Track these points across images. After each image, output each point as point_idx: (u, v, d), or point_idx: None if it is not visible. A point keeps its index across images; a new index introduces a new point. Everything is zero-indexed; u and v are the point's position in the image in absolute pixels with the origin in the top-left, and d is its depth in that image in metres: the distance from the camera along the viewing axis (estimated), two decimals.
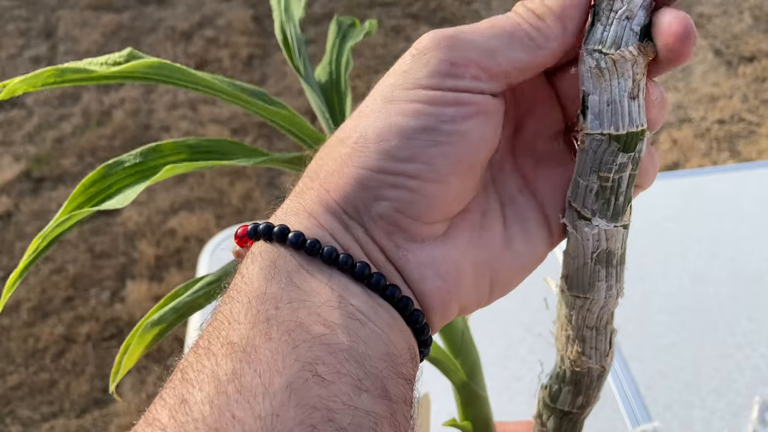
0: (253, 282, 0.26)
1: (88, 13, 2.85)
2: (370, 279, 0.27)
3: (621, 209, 0.29)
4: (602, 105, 0.27)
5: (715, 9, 2.60)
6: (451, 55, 0.27)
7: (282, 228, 0.27)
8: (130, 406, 1.51)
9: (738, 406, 0.71)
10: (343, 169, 0.27)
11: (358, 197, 0.27)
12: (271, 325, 0.24)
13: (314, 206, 0.28)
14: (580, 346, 0.33)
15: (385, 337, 0.26)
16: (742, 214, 0.91)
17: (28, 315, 1.72)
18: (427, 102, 0.27)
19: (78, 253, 1.85)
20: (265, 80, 2.43)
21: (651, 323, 0.79)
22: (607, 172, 0.28)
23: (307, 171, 0.29)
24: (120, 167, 0.36)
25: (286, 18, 0.43)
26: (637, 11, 0.26)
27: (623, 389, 0.73)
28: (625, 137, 0.27)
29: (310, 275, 0.26)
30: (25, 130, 2.28)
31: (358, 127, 0.27)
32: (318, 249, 0.26)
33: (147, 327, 0.36)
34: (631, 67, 0.27)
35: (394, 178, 0.27)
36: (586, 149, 0.28)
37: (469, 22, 0.26)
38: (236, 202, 1.96)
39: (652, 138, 0.29)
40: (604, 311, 0.32)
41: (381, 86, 0.28)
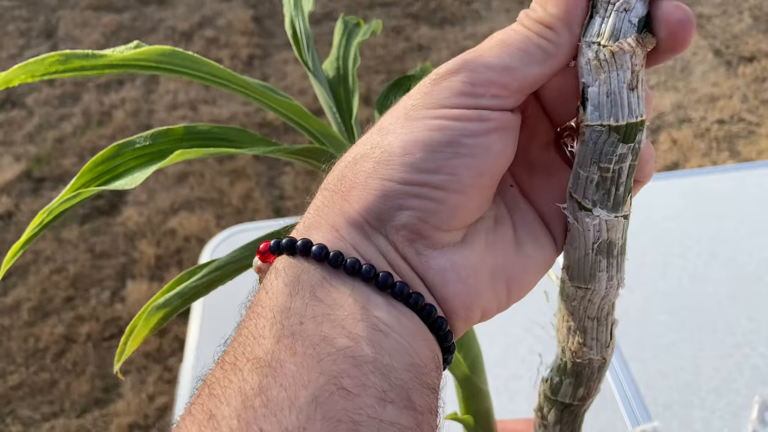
0: (278, 297, 0.27)
1: (89, 14, 2.85)
2: (393, 288, 0.27)
3: (621, 199, 0.29)
4: (602, 97, 0.27)
5: (714, 9, 2.60)
6: (471, 77, 0.28)
7: (305, 242, 0.28)
8: (130, 406, 1.51)
9: (738, 405, 0.71)
10: (368, 182, 0.28)
11: (382, 208, 0.28)
12: (296, 340, 0.25)
13: (336, 219, 0.28)
14: (581, 337, 0.33)
15: (409, 348, 0.27)
16: (742, 214, 0.91)
17: (29, 315, 1.72)
18: (451, 118, 0.28)
19: (78, 253, 1.86)
20: (265, 80, 2.43)
21: (651, 323, 0.79)
22: (607, 163, 0.28)
23: (325, 184, 0.30)
24: (130, 148, 0.36)
25: (296, 13, 0.43)
26: (635, 3, 0.27)
27: (623, 389, 0.73)
28: (624, 128, 0.28)
29: (334, 288, 0.27)
30: (25, 130, 2.28)
31: (382, 142, 0.28)
32: (341, 261, 0.27)
33: (152, 310, 0.37)
34: (629, 58, 0.27)
35: (419, 189, 0.28)
36: (586, 141, 0.28)
37: (469, 22, 0.26)
38: (236, 202, 1.96)
39: (652, 138, 0.30)
40: (605, 302, 0.32)
41: (402, 106, 0.29)
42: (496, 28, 0.30)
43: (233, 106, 2.30)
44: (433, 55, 2.47)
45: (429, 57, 2.46)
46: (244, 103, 2.31)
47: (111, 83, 2.47)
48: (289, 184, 2.00)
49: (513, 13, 2.63)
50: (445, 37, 2.55)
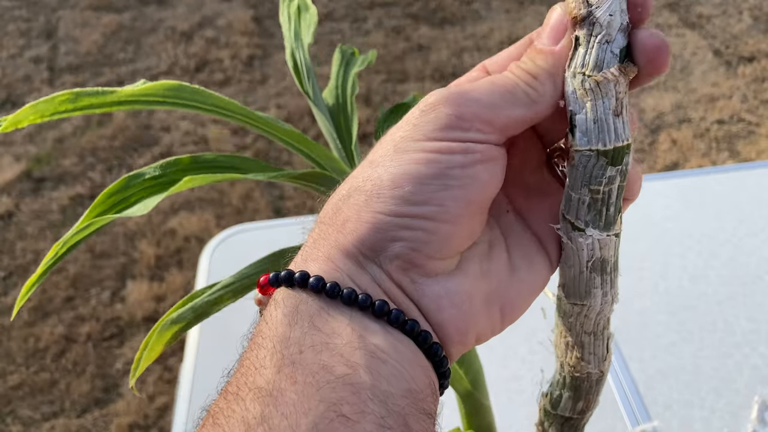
0: (278, 327, 0.27)
1: (89, 14, 2.85)
2: (389, 315, 0.28)
3: (612, 219, 0.31)
4: (589, 123, 0.29)
5: (714, 9, 2.60)
6: (458, 110, 0.29)
7: (303, 274, 0.29)
8: (131, 406, 1.51)
9: (737, 405, 0.71)
10: (360, 215, 0.29)
11: (375, 239, 0.29)
12: (296, 369, 0.26)
13: (331, 251, 0.29)
14: (579, 351, 0.34)
15: (406, 374, 0.27)
16: (742, 214, 0.91)
17: (29, 315, 1.72)
18: (437, 151, 0.29)
19: (78, 253, 1.86)
20: (265, 80, 2.43)
21: (651, 323, 0.79)
22: (597, 185, 0.30)
23: (321, 218, 0.31)
24: (140, 179, 0.38)
25: (296, 45, 0.45)
26: (616, 35, 0.29)
27: (623, 389, 0.73)
28: (612, 152, 0.29)
29: (331, 317, 0.28)
30: (25, 130, 2.28)
31: (372, 175, 0.29)
32: (338, 291, 0.28)
33: (166, 325, 0.38)
34: (613, 86, 0.29)
35: (409, 221, 0.29)
36: (576, 165, 0.30)
37: (469, 22, 0.27)
38: (236, 202, 1.96)
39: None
40: (601, 317, 0.33)
41: (391, 138, 0.30)
42: (496, 28, 0.30)
43: None
44: (433, 55, 2.47)
45: (429, 57, 2.46)
46: (243, 103, 2.32)
47: (111, 83, 2.47)
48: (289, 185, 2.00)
49: (513, 14, 2.63)
50: (445, 37, 2.55)
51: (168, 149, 2.14)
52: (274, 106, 2.30)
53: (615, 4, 0.28)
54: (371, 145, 0.31)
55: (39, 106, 0.35)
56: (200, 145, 2.16)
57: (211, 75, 2.45)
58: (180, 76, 2.45)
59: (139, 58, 2.58)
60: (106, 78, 2.49)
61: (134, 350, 1.62)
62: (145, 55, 2.59)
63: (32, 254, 1.87)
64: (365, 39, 2.59)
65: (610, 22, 0.28)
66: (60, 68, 2.56)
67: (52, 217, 1.97)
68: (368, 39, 2.58)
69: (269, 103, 2.32)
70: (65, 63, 2.58)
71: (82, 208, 1.98)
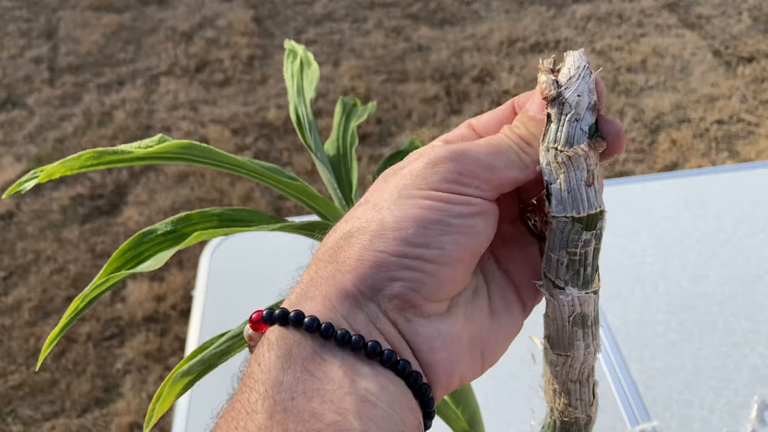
0: (270, 371, 0.28)
1: (89, 14, 2.85)
2: (381, 356, 0.29)
3: (590, 278, 0.33)
4: (563, 193, 0.31)
5: (714, 10, 2.60)
6: (461, 167, 0.31)
7: (297, 314, 0.29)
8: (131, 405, 1.52)
9: (737, 405, 0.71)
10: (363, 254, 0.30)
11: (376, 278, 0.30)
12: (288, 416, 0.26)
13: (329, 290, 0.30)
14: (566, 398, 0.36)
15: (396, 417, 0.28)
16: (742, 214, 0.91)
17: (29, 315, 1.72)
18: (440, 200, 0.31)
19: (79, 253, 1.86)
20: (265, 80, 2.43)
21: (651, 323, 0.79)
22: (574, 248, 0.32)
23: (319, 255, 0.32)
24: (152, 235, 0.41)
25: (299, 101, 0.48)
26: (584, 113, 0.31)
27: (623, 389, 0.73)
28: (586, 218, 0.32)
29: (324, 360, 0.28)
30: (26, 130, 2.28)
31: (377, 217, 0.31)
32: (332, 333, 0.29)
33: (177, 377, 0.40)
34: (584, 160, 0.31)
35: (410, 261, 0.30)
36: (554, 229, 0.32)
37: (469, 23, 0.27)
38: (236, 202, 1.96)
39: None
40: (585, 366, 0.35)
41: (395, 185, 0.32)
42: (496, 29, 0.31)
43: (233, 106, 2.30)
44: (433, 55, 2.47)
45: (429, 57, 2.47)
46: (244, 103, 2.32)
47: (111, 83, 2.47)
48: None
49: (512, 14, 2.63)
50: (445, 38, 2.55)
51: None
52: (273, 106, 2.30)
53: (583, 86, 0.31)
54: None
55: (68, 162, 0.39)
56: None
57: (211, 75, 2.45)
58: (180, 77, 2.46)
59: (139, 58, 2.58)
60: (107, 78, 2.49)
61: (134, 350, 1.62)
62: (145, 56, 2.59)
63: (32, 254, 1.87)
64: (365, 39, 2.59)
65: (578, 102, 0.31)
66: (60, 68, 2.56)
67: (52, 217, 1.97)
68: (368, 39, 2.58)
69: (269, 103, 2.32)
70: (65, 63, 2.59)
71: (82, 208, 1.98)
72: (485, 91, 2.29)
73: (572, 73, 0.31)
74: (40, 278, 1.80)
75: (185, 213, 0.42)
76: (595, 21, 2.58)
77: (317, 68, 0.51)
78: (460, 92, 2.30)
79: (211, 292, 0.89)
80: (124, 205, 1.98)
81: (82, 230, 1.92)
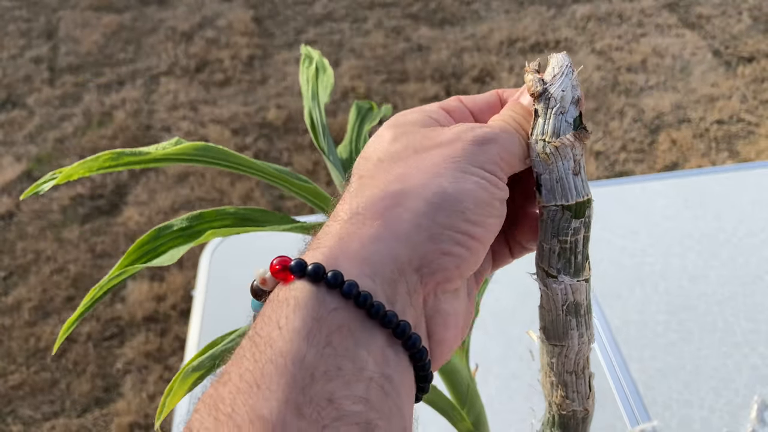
0: (293, 341, 0.26)
1: (89, 14, 2.85)
2: (408, 340, 0.28)
3: (581, 266, 0.35)
4: (552, 182, 0.33)
5: (714, 10, 2.60)
6: (501, 152, 0.33)
7: (336, 275, 0.27)
8: (131, 405, 1.52)
9: (737, 405, 0.71)
10: (420, 221, 0.30)
11: (428, 249, 0.30)
12: (306, 396, 0.25)
13: (372, 252, 0.29)
14: (563, 390, 0.37)
15: (403, 410, 0.28)
16: (742, 214, 0.91)
17: (30, 315, 1.72)
18: (490, 181, 0.32)
19: (79, 252, 1.86)
20: (265, 80, 2.43)
21: (651, 323, 0.79)
22: (564, 236, 0.34)
23: (354, 206, 0.30)
24: (169, 230, 0.42)
25: (313, 104, 0.49)
26: (569, 107, 0.33)
27: (623, 389, 0.73)
28: (575, 206, 0.33)
29: (350, 333, 0.27)
30: (26, 130, 2.28)
31: (432, 184, 0.31)
32: (368, 304, 0.27)
33: (188, 372, 0.41)
34: (570, 150, 0.33)
35: (462, 237, 0.30)
36: (545, 219, 0.34)
37: (469, 23, 0.27)
38: (237, 202, 1.96)
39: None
40: (580, 356, 0.37)
41: (444, 155, 0.32)
42: (496, 29, 0.31)
43: (233, 106, 2.30)
44: (433, 55, 2.47)
45: (429, 57, 2.47)
46: (244, 103, 2.32)
47: (111, 83, 2.47)
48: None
49: (513, 14, 2.63)
50: (445, 38, 2.55)
51: None
52: (274, 106, 2.30)
53: (566, 82, 0.33)
54: None
55: (87, 163, 0.39)
56: None
57: (211, 75, 2.45)
58: (180, 77, 2.46)
59: (139, 58, 2.58)
60: (107, 78, 2.49)
61: (134, 350, 1.62)
62: (145, 56, 2.59)
63: (32, 254, 1.87)
64: (365, 39, 2.59)
65: (563, 96, 0.33)
66: (60, 68, 2.56)
67: (52, 217, 1.97)
68: (368, 39, 2.58)
69: (269, 103, 2.32)
70: (65, 63, 2.58)
71: (83, 208, 1.98)
72: (485, 91, 2.29)
73: (556, 71, 0.34)
74: (40, 278, 1.80)
75: (200, 211, 0.43)
76: (595, 21, 2.58)
77: (332, 74, 0.52)
78: (460, 92, 2.29)
79: (211, 292, 0.89)
80: (124, 205, 1.98)
81: (82, 230, 1.92)
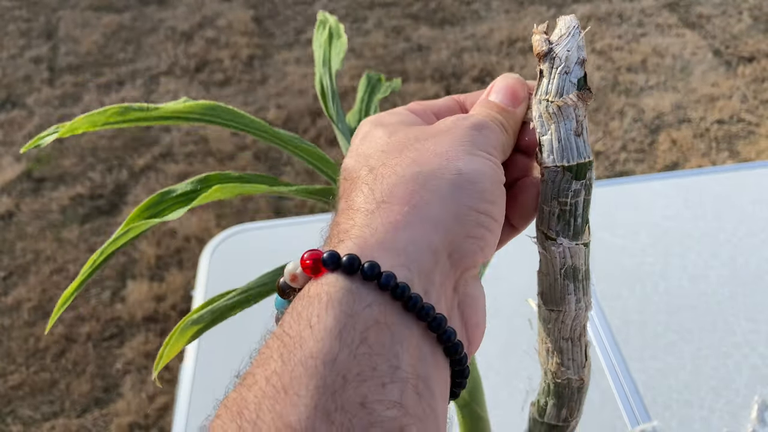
0: (324, 340, 0.24)
1: (89, 14, 2.85)
2: (443, 334, 0.27)
3: (580, 229, 0.35)
4: (554, 143, 0.33)
5: (714, 9, 2.60)
6: (498, 136, 0.33)
7: (372, 266, 0.26)
8: (130, 406, 1.51)
9: (737, 405, 0.71)
10: (446, 204, 0.29)
11: (457, 231, 0.29)
12: (336, 402, 0.23)
13: (405, 239, 0.27)
14: (558, 357, 0.37)
15: (437, 410, 0.26)
16: (742, 214, 0.91)
17: (29, 315, 1.72)
18: (496, 164, 0.32)
19: (79, 253, 1.86)
20: (265, 80, 2.43)
21: (651, 323, 0.79)
22: (564, 198, 0.34)
23: (377, 194, 0.29)
24: (172, 194, 0.41)
25: (324, 71, 0.49)
26: (573, 67, 0.33)
27: (623, 389, 0.73)
28: (576, 167, 0.33)
29: (387, 329, 0.25)
30: (26, 130, 2.28)
31: (448, 165, 0.30)
32: (406, 296, 0.26)
33: (187, 324, 0.40)
34: (573, 110, 0.33)
35: (484, 218, 0.30)
36: (546, 180, 0.34)
37: (469, 23, 0.27)
38: (237, 202, 1.96)
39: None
40: (576, 323, 0.36)
41: (451, 140, 0.31)
42: (496, 29, 0.31)
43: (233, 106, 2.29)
44: (433, 55, 2.47)
45: (429, 57, 2.46)
46: (243, 103, 2.32)
47: (111, 84, 2.47)
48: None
49: (512, 14, 2.63)
50: (445, 38, 2.55)
51: (168, 149, 2.15)
52: (273, 106, 2.30)
53: (572, 43, 0.33)
54: None
55: (93, 117, 0.38)
56: (200, 145, 2.16)
57: (211, 75, 2.45)
58: (180, 77, 2.46)
59: (139, 58, 2.58)
60: (106, 78, 2.49)
61: (134, 350, 1.62)
62: (145, 55, 2.59)
63: (32, 254, 1.87)
64: (365, 39, 2.59)
65: (568, 57, 0.33)
66: (60, 68, 2.56)
67: (52, 217, 1.97)
68: (368, 39, 2.58)
69: (269, 103, 2.32)
70: (65, 63, 2.58)
71: (82, 208, 1.98)
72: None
73: (563, 32, 0.34)
74: (40, 278, 1.80)
75: (205, 174, 0.42)
76: (595, 21, 2.58)
77: (346, 41, 0.50)
78: (460, 92, 2.29)
79: (211, 292, 0.89)
80: (124, 205, 1.98)
81: (81, 230, 1.92)
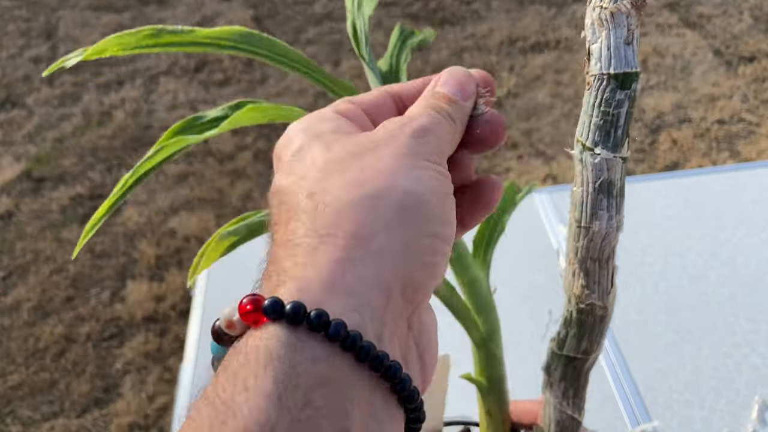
0: (260, 407, 0.21)
1: (89, 14, 2.85)
2: (399, 383, 0.25)
3: (620, 141, 0.34)
4: (603, 50, 0.33)
5: (715, 9, 2.60)
6: (439, 142, 0.29)
7: (319, 314, 0.23)
8: (130, 406, 1.51)
9: (737, 405, 0.71)
10: (394, 233, 0.25)
11: (409, 262, 0.25)
12: None
13: (353, 278, 0.24)
14: (584, 279, 0.37)
15: None
16: (742, 214, 0.91)
17: (29, 315, 1.72)
18: (440, 173, 0.28)
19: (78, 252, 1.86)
20: (265, 80, 2.43)
21: (651, 323, 0.79)
22: (607, 107, 0.33)
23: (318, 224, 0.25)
24: (203, 119, 0.40)
25: (357, 14, 0.50)
26: None
27: (623, 389, 0.73)
28: (622, 76, 0.33)
29: (335, 386, 0.23)
30: (25, 130, 2.28)
31: (395, 184, 0.26)
32: (357, 346, 0.23)
33: (223, 236, 0.40)
34: (625, 18, 0.33)
35: (437, 243, 0.26)
36: (590, 89, 0.34)
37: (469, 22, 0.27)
38: (236, 202, 1.96)
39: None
40: (606, 243, 0.36)
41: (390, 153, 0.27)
42: (496, 28, 0.31)
43: None
44: (433, 55, 2.47)
45: (429, 57, 2.46)
46: None
47: (111, 83, 2.47)
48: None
49: (513, 13, 2.63)
50: (445, 37, 2.55)
51: None
52: None
53: None
54: None
55: (124, 38, 0.36)
56: (200, 145, 2.17)
57: (211, 75, 2.45)
58: (180, 76, 2.46)
59: (138, 58, 2.58)
60: (106, 78, 2.49)
61: (134, 350, 1.62)
62: (144, 55, 2.59)
63: (32, 254, 1.87)
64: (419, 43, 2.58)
65: None
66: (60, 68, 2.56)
67: (52, 217, 1.97)
68: None
69: None
70: None
71: (82, 208, 1.98)
72: None
73: None
74: (40, 278, 1.80)
75: (237, 101, 0.40)
76: None
77: None
78: None
79: (211, 292, 0.88)
80: (124, 205, 1.98)
81: (81, 230, 1.92)
